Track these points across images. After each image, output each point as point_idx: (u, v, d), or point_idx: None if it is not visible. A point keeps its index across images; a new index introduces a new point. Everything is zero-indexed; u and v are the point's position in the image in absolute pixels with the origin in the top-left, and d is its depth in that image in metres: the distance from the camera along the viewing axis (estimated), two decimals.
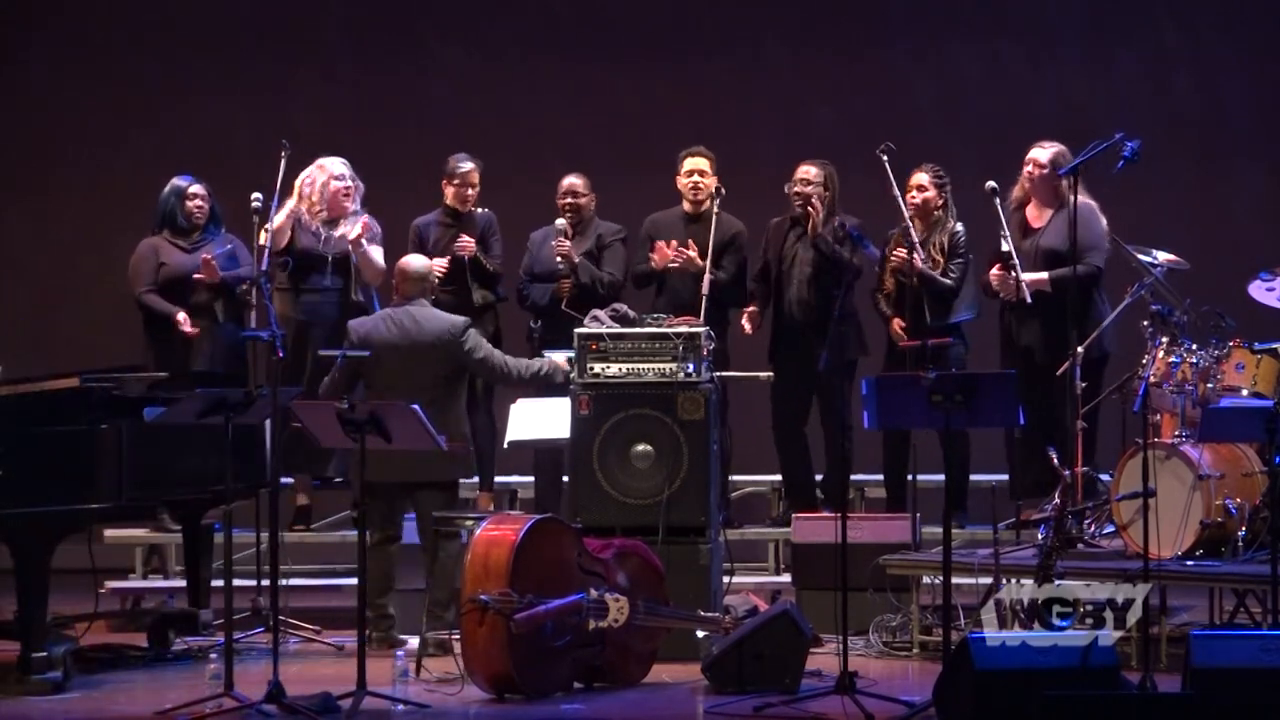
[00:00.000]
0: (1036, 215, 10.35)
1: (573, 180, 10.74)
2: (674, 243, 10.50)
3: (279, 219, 10.30)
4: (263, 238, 10.15)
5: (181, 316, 10.41)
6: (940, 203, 10.39)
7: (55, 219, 13.04)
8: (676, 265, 10.44)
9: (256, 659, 9.20)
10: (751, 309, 10.60)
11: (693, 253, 10.40)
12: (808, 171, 10.57)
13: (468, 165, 10.67)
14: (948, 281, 10.31)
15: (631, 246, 10.75)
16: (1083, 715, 7.11)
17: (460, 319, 9.55)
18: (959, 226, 10.39)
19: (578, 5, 13.19)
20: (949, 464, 8.99)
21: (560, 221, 10.60)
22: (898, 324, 10.31)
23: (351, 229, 10.46)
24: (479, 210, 10.76)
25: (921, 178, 10.37)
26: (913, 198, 10.34)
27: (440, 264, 10.35)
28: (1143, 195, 11.48)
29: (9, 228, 13.11)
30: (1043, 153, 10.29)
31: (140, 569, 11.10)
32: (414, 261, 9.74)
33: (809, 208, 10.43)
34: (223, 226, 10.70)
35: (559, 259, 10.51)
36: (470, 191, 10.67)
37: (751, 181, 11.06)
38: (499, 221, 10.84)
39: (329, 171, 10.56)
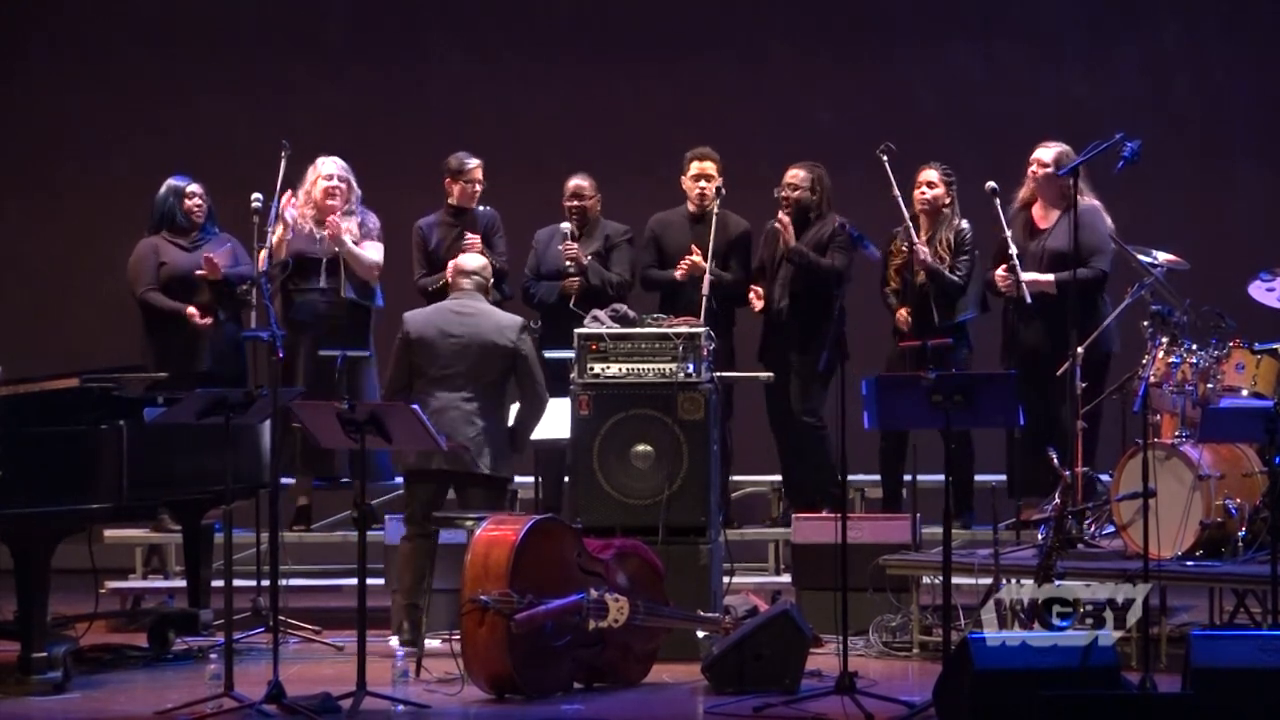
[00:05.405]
0: (1043, 215, 10.36)
1: (579, 181, 10.74)
2: (696, 249, 10.47)
3: (275, 235, 10.32)
4: (275, 237, 10.19)
5: (192, 310, 10.41)
6: (948, 200, 10.40)
7: (55, 219, 13.04)
8: (681, 274, 10.44)
9: (256, 659, 9.20)
10: (757, 289, 10.56)
11: (696, 257, 10.40)
12: (796, 175, 10.57)
13: (473, 162, 10.68)
14: (955, 278, 10.32)
15: (637, 247, 10.74)
16: (1083, 715, 7.10)
17: (518, 319, 9.49)
18: (965, 224, 10.40)
19: (579, 6, 13.19)
20: (951, 465, 8.97)
21: (565, 225, 10.60)
22: (903, 313, 10.30)
23: (332, 229, 10.46)
24: (482, 208, 10.77)
25: (931, 174, 10.37)
26: (922, 193, 10.35)
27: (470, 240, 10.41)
28: (1143, 195, 11.48)
29: (9, 228, 13.10)
30: (1047, 152, 10.29)
31: (140, 569, 11.10)
32: (469, 261, 9.69)
33: (778, 224, 10.42)
34: (217, 225, 10.70)
35: (568, 261, 10.51)
36: (476, 188, 10.68)
37: (752, 182, 11.06)
38: (502, 220, 10.84)
39: (319, 171, 10.57)
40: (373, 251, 10.58)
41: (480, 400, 9.26)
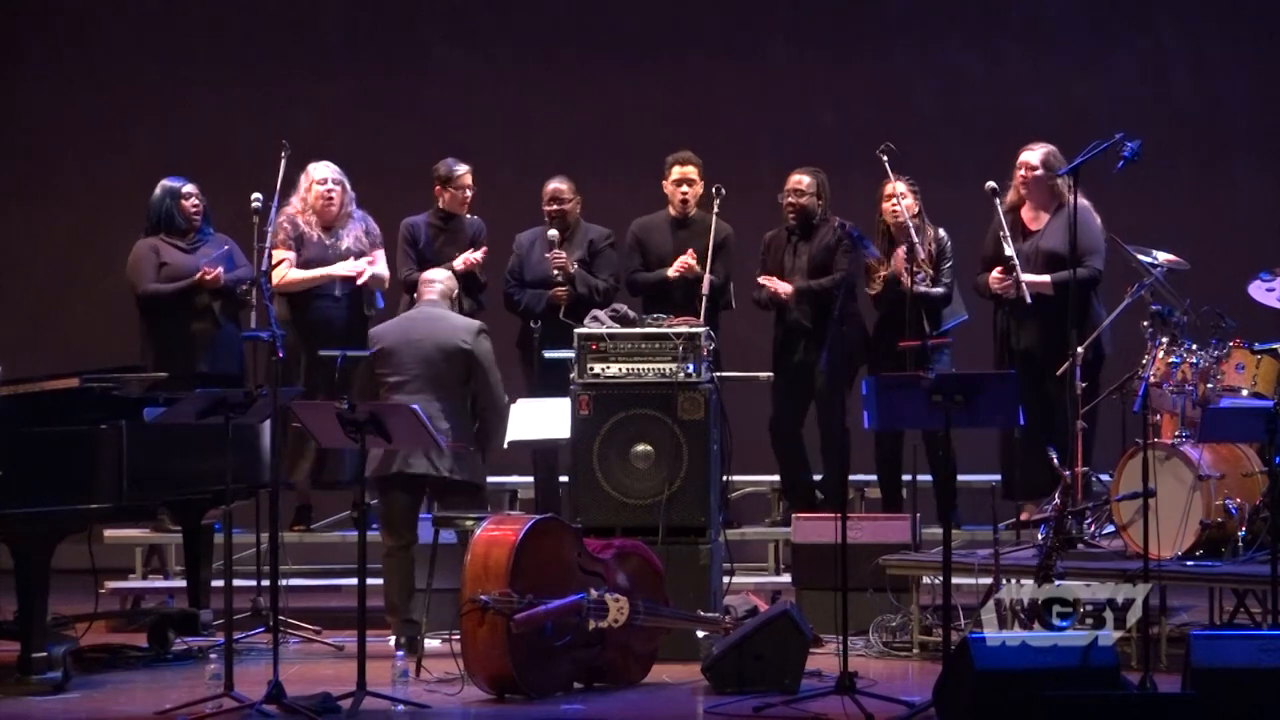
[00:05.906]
0: (1032, 217, 10.35)
1: (557, 185, 10.68)
2: (691, 252, 10.48)
3: (296, 275, 10.39)
4: (289, 276, 10.27)
5: (201, 272, 10.38)
6: (916, 210, 10.39)
7: (55, 219, 13.04)
8: (676, 274, 10.45)
9: (256, 659, 9.20)
10: (769, 276, 10.56)
11: (693, 261, 10.40)
12: (800, 181, 10.56)
13: (462, 169, 10.66)
14: (940, 291, 10.32)
15: (620, 250, 10.73)
16: (1083, 715, 7.10)
17: (475, 322, 9.55)
18: (942, 232, 10.41)
19: (577, 7, 13.19)
20: (934, 465, 8.99)
21: (552, 232, 10.54)
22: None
23: (357, 268, 10.47)
24: (470, 217, 10.74)
25: (899, 186, 10.33)
26: (893, 206, 10.32)
27: (474, 257, 10.40)
28: (1143, 195, 11.48)
29: (9, 228, 13.10)
30: (1033, 154, 10.28)
31: (140, 569, 11.10)
32: (435, 272, 9.77)
33: (775, 295, 10.41)
34: (212, 226, 10.70)
35: (556, 271, 10.48)
36: (466, 195, 10.67)
37: (751, 184, 11.07)
38: (497, 221, 10.84)
39: (313, 176, 10.58)
40: (383, 265, 10.62)
41: (444, 404, 9.27)
